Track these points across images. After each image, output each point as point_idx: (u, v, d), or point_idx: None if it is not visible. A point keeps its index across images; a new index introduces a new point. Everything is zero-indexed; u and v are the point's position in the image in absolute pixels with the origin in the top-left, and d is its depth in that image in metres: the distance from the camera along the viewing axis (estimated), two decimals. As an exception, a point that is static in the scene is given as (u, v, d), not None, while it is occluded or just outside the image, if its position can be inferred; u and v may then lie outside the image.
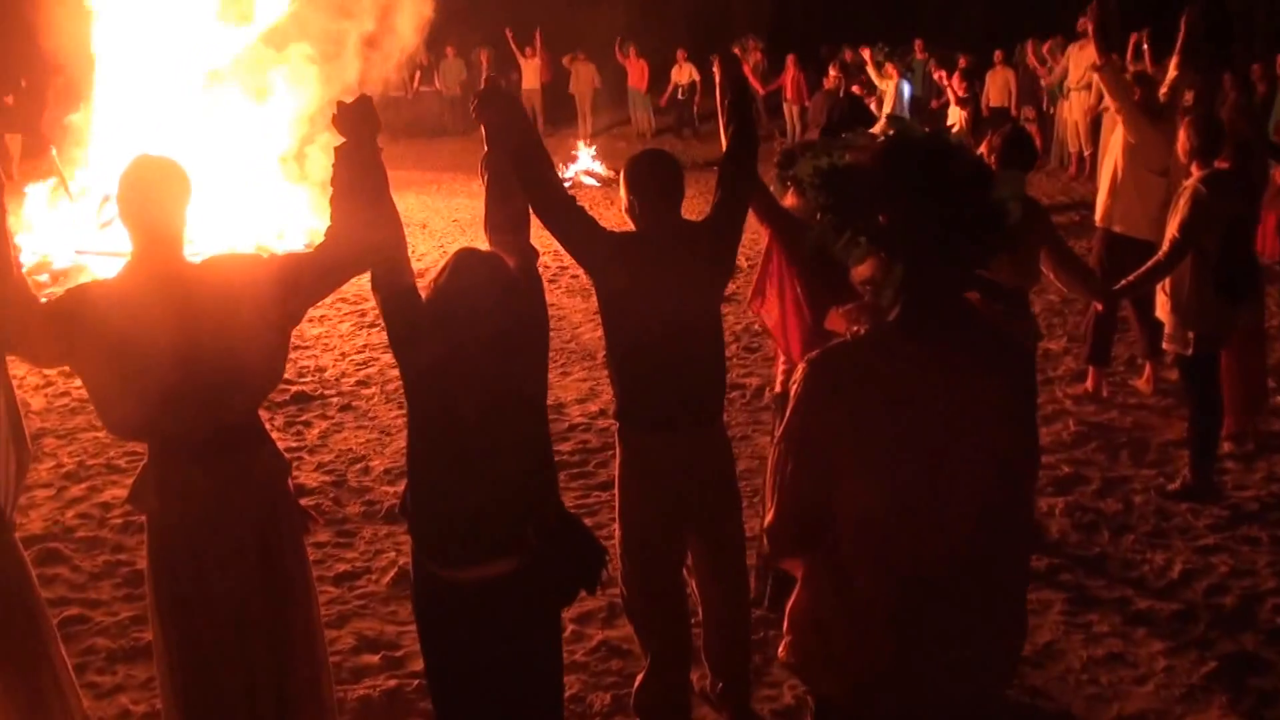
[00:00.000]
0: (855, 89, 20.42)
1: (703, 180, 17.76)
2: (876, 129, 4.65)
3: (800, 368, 3.16)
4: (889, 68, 21.18)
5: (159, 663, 4.36)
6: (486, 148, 4.64)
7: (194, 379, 4.04)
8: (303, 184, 17.40)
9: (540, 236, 4.65)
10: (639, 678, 5.25)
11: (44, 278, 14.90)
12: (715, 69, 5.43)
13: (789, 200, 5.58)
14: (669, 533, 4.98)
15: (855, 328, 3.18)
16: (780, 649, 3.36)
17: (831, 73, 22.26)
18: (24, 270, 4.19)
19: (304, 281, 4.23)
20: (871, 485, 3.05)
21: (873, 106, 19.22)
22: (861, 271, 3.18)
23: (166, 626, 4.23)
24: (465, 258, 4.11)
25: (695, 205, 5.18)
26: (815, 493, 3.13)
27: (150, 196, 4.11)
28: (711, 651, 5.26)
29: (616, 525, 5.05)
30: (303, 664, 4.36)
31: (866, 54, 21.80)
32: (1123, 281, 7.17)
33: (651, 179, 4.89)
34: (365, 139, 4.26)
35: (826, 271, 5.35)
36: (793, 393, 3.16)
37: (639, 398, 4.90)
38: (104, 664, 5.99)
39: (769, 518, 3.22)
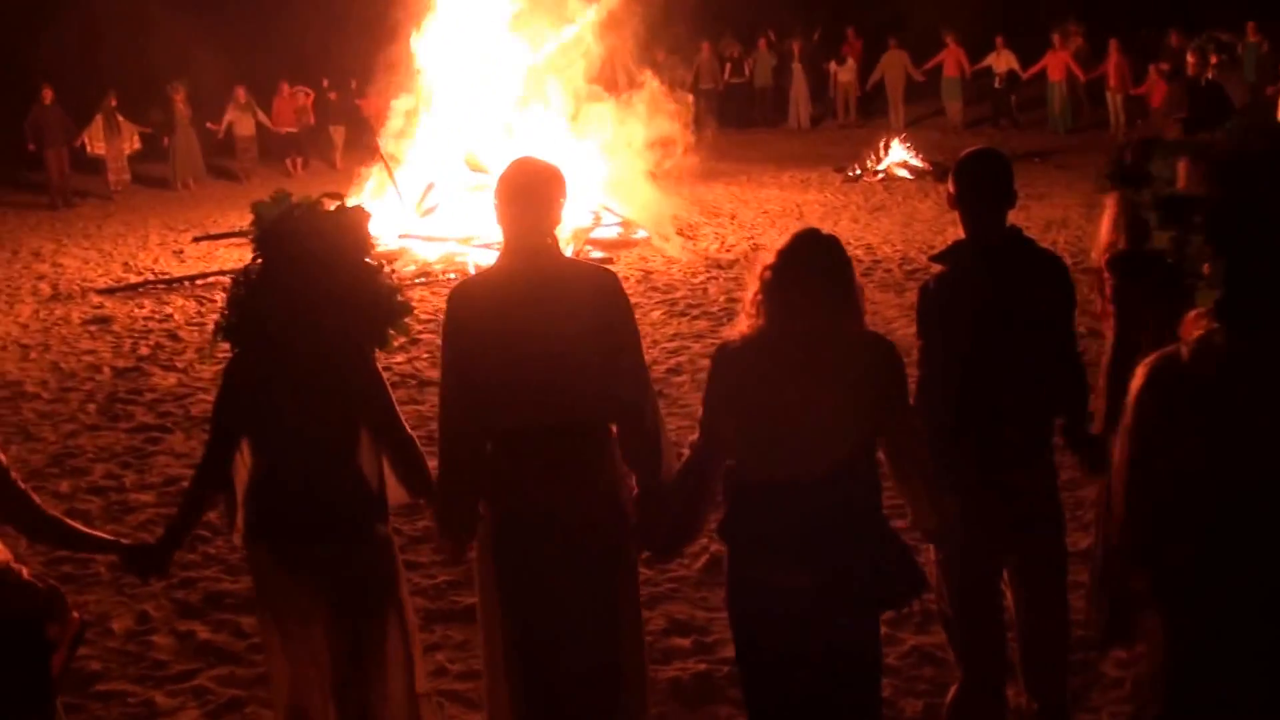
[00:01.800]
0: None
1: (1023, 174, 17.28)
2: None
3: (1138, 373, 3.05)
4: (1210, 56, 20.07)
5: (490, 638, 4.50)
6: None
7: (547, 374, 4.18)
8: (616, 175, 17.71)
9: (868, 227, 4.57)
10: (952, 690, 5.10)
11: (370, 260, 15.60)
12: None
13: (1110, 202, 5.33)
14: (986, 547, 4.81)
15: (1198, 332, 3.03)
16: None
17: (1190, 59, 21.17)
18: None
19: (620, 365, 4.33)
20: (1221, 496, 2.90)
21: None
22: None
23: (507, 608, 4.36)
24: (806, 235, 4.11)
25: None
26: (1156, 503, 3.00)
27: (531, 198, 4.27)
28: (1028, 669, 5.04)
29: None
30: (629, 643, 4.46)
31: (1175, 41, 20.75)
32: None
33: (979, 180, 4.70)
34: None
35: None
36: (1129, 400, 3.05)
37: (956, 434, 4.68)
38: (422, 623, 6.21)
39: (1114, 529, 3.09)
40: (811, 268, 4.02)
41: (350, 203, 4.65)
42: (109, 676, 6.00)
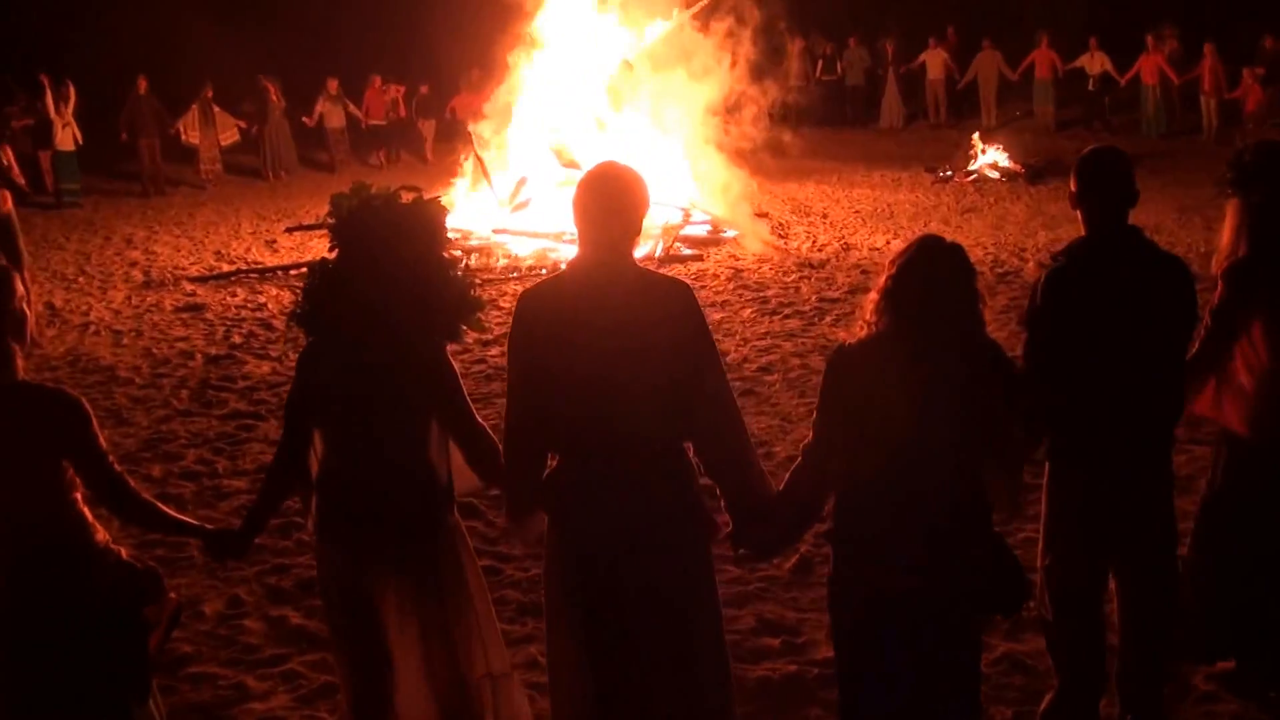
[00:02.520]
0: None
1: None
2: None
3: None
4: None
5: (556, 646, 4.40)
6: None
7: (613, 390, 4.07)
8: (705, 172, 17.66)
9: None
10: (1046, 699, 5.07)
11: (457, 253, 15.66)
12: None
13: (1231, 208, 5.20)
14: (1094, 558, 4.79)
15: None
16: None
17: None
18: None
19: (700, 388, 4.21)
20: None
21: None
22: None
23: (575, 619, 4.26)
24: (928, 243, 4.05)
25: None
26: None
27: (611, 205, 4.13)
28: (1124, 679, 4.99)
29: (1040, 540, 4.89)
30: (708, 655, 4.33)
31: (1270, 45, 20.26)
32: None
33: (1101, 177, 4.68)
34: None
35: None
36: None
37: (1076, 434, 4.66)
38: (514, 614, 6.28)
39: None
40: (933, 276, 3.98)
41: (430, 196, 4.63)
42: (200, 659, 6.06)
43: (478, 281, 4.83)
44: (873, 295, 4.09)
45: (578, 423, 4.16)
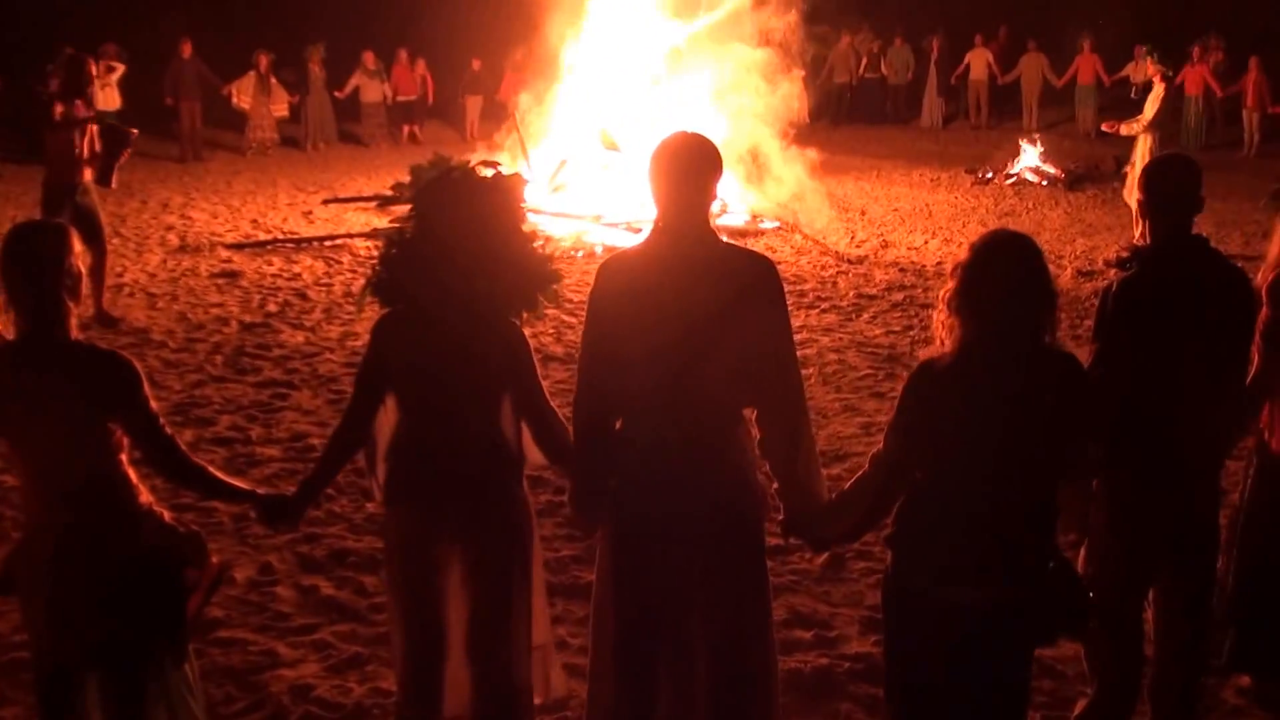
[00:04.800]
0: None
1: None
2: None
3: None
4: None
5: (598, 616, 4.48)
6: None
7: (681, 356, 4.13)
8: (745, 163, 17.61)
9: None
10: (1079, 706, 5.07)
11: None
12: None
13: (1278, 224, 5.16)
14: (1140, 569, 4.77)
15: None
16: None
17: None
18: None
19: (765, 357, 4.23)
20: None
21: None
22: None
23: (619, 586, 4.35)
24: (1000, 234, 4.01)
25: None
26: None
27: (687, 173, 4.18)
28: (1158, 694, 4.97)
29: (1083, 549, 4.84)
30: (754, 634, 4.38)
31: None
32: None
33: (1168, 186, 4.65)
34: None
35: None
36: None
37: (1134, 444, 4.61)
38: (545, 595, 6.25)
39: None
40: (1006, 267, 3.89)
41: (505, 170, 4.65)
42: (230, 624, 6.07)
43: (557, 255, 4.83)
44: (941, 307, 3.98)
45: (647, 384, 4.21)
